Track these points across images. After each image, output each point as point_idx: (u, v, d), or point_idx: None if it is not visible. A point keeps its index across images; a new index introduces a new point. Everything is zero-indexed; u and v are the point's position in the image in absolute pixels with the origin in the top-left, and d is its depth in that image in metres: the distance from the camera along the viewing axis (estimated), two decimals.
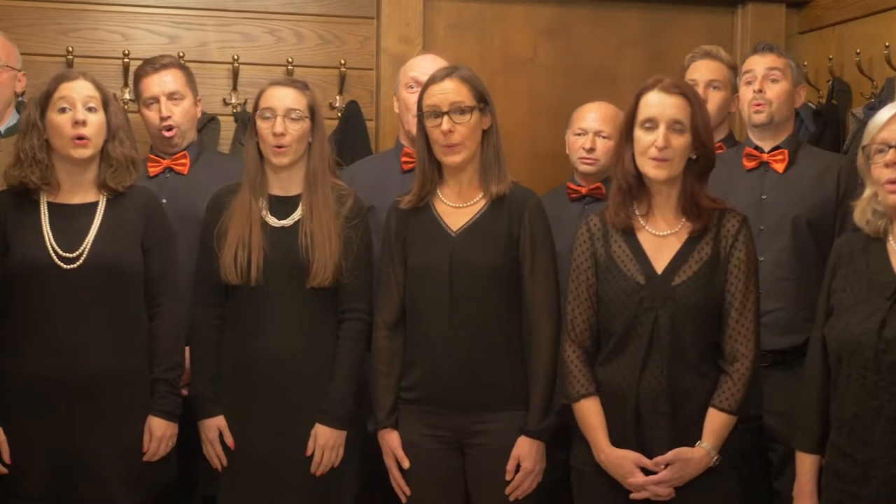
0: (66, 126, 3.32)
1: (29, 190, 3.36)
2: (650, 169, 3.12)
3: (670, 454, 3.08)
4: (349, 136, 4.63)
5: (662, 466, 3.08)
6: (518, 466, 3.37)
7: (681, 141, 3.10)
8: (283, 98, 3.50)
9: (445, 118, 3.35)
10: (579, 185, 4.13)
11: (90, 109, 3.35)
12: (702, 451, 3.09)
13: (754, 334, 3.12)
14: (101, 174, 3.40)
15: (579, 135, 4.12)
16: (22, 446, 3.29)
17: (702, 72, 4.29)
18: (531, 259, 3.39)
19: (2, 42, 3.96)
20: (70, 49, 4.52)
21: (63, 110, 3.33)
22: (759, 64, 3.98)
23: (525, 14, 5.01)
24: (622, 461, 3.12)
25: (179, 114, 3.96)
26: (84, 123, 3.32)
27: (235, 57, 4.66)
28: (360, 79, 4.82)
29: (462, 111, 3.37)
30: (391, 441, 3.45)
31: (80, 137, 3.32)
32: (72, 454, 3.28)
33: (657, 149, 3.08)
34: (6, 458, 3.28)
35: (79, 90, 3.36)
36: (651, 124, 3.11)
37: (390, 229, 3.49)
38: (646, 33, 5.11)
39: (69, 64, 4.47)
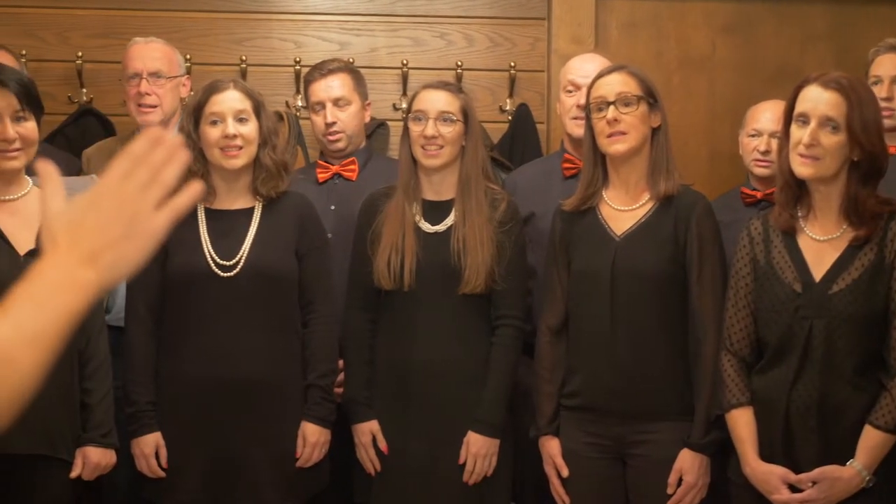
0: (218, 139, 3.36)
1: None
2: (797, 165, 2.95)
3: (817, 472, 2.92)
4: (519, 140, 4.57)
5: (809, 484, 2.92)
6: (680, 480, 3.25)
7: (832, 140, 2.92)
8: (436, 101, 3.47)
9: (611, 108, 3.27)
10: (754, 190, 3.94)
11: (241, 121, 3.38)
12: (852, 471, 2.90)
13: None
14: (253, 181, 3.43)
15: (753, 136, 3.94)
16: (179, 450, 3.35)
17: (887, 67, 4.04)
18: (698, 265, 3.26)
19: (162, 51, 4.04)
20: (243, 58, 4.60)
21: (214, 123, 3.38)
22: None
23: (703, 10, 4.85)
24: (768, 476, 2.97)
25: (345, 119, 3.97)
26: (234, 136, 3.36)
27: (405, 62, 4.66)
28: (530, 81, 4.76)
29: (628, 102, 3.28)
30: (551, 448, 3.38)
31: (231, 148, 3.35)
32: (227, 459, 3.33)
33: (804, 146, 2.92)
34: (163, 462, 3.35)
35: (229, 103, 3.39)
36: (804, 119, 2.95)
37: (555, 233, 3.43)
38: (832, 27, 4.87)
39: (242, 73, 4.56)
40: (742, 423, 3.05)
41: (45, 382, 3.16)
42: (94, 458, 3.19)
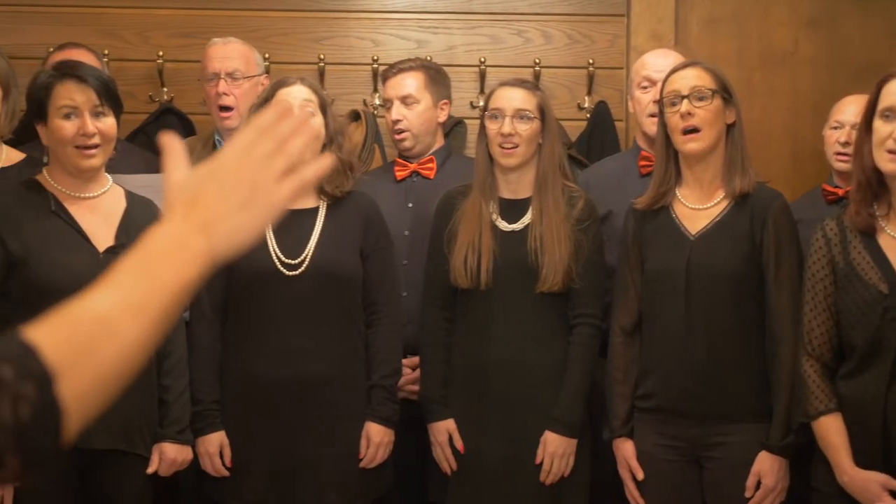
0: None
1: None
2: (885, 163, 2.88)
3: None
4: (597, 138, 4.52)
5: None
6: (759, 483, 3.19)
7: None
8: (512, 98, 3.44)
9: (685, 101, 3.23)
10: (836, 187, 3.87)
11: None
12: None
13: None
14: (318, 179, 3.41)
15: (835, 128, 3.86)
16: (243, 449, 3.35)
17: None
18: (775, 264, 3.20)
19: (239, 50, 4.06)
20: (322, 57, 4.61)
21: None
22: None
23: (787, 5, 4.76)
24: (868, 483, 2.90)
25: (410, 117, 3.95)
26: None
27: (482, 59, 4.64)
28: (609, 78, 4.71)
29: (702, 96, 3.23)
30: (626, 451, 3.34)
31: None
32: (291, 459, 3.32)
33: (894, 140, 2.84)
34: (227, 461, 3.35)
35: (296, 96, 3.39)
36: (890, 114, 2.87)
37: (628, 232, 3.39)
38: None
39: (321, 72, 4.57)
40: (833, 431, 2.97)
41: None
42: (170, 455, 3.21)
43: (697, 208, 3.30)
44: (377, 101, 4.57)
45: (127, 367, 1.01)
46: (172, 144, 1.17)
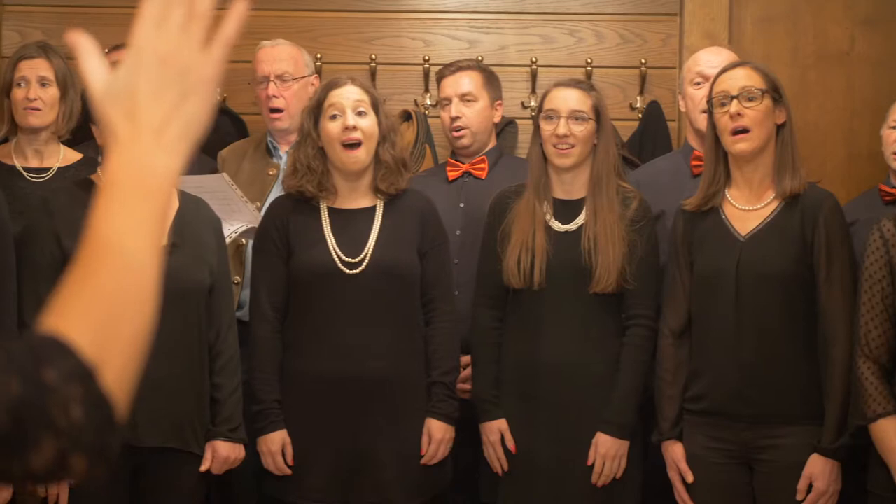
0: (337, 131, 3.36)
1: (308, 196, 3.43)
2: None
3: None
4: (649, 138, 4.49)
5: None
6: (810, 487, 3.16)
7: None
8: (567, 99, 3.43)
9: (734, 102, 3.21)
10: (894, 187, 3.81)
11: (360, 114, 3.38)
12: None
13: None
14: (374, 178, 3.43)
15: (894, 128, 3.80)
16: (305, 448, 3.36)
17: None
18: (826, 265, 3.17)
19: (288, 52, 4.06)
20: (373, 57, 4.62)
21: (334, 117, 3.38)
22: None
23: (842, 3, 4.71)
24: None
25: (469, 115, 3.96)
26: (354, 128, 3.36)
27: (534, 59, 4.63)
28: (661, 78, 4.68)
29: (752, 97, 3.21)
30: (675, 453, 3.32)
31: (351, 144, 3.36)
32: (353, 455, 3.33)
33: None
34: (289, 459, 3.36)
35: (347, 96, 3.40)
36: None
37: (677, 233, 3.37)
38: None
39: (372, 72, 4.58)
40: (892, 433, 2.95)
41: (176, 376, 3.20)
42: (223, 453, 3.23)
43: (747, 209, 3.28)
44: (428, 102, 4.57)
45: (146, 329, 0.98)
46: (82, 42, 1.07)
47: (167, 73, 1.04)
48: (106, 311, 0.94)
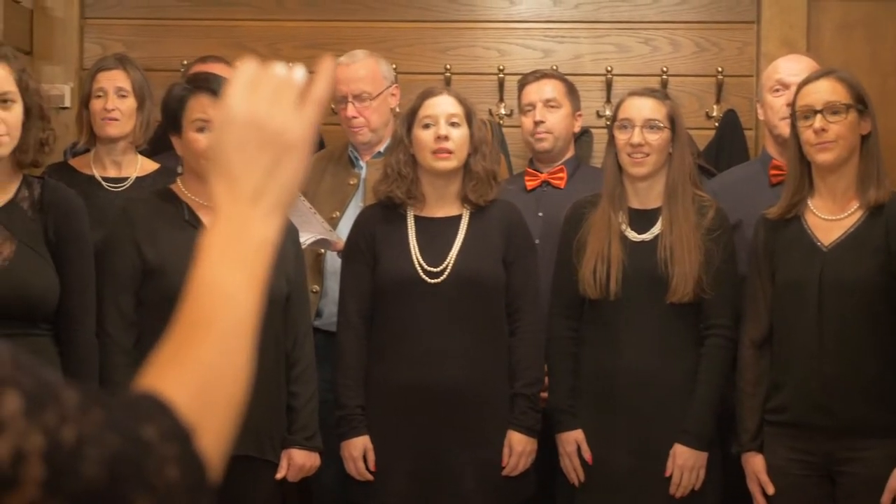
0: (429, 141, 3.39)
1: (396, 204, 3.46)
2: None
3: None
4: (726, 147, 4.46)
5: None
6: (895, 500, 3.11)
7: None
8: (642, 108, 3.42)
9: (818, 116, 3.18)
10: None
11: (453, 125, 3.40)
12: None
13: None
14: (463, 188, 3.45)
15: None
16: (387, 455, 3.38)
17: None
18: None
19: (365, 69, 4.03)
20: (448, 67, 4.64)
21: (427, 126, 3.40)
22: None
23: None
24: None
25: (553, 121, 3.96)
26: (446, 138, 3.38)
27: (609, 68, 4.62)
28: (738, 86, 4.64)
29: (836, 111, 3.18)
30: (755, 465, 3.28)
31: (443, 151, 3.38)
32: (434, 465, 3.34)
33: None
34: (371, 465, 3.38)
35: (442, 106, 3.42)
36: None
37: (758, 242, 3.34)
38: None
39: (447, 81, 4.60)
40: None
41: (253, 384, 3.24)
42: (298, 460, 3.25)
43: (830, 219, 3.24)
44: (502, 111, 4.58)
45: (243, 393, 0.98)
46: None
47: (261, 136, 1.03)
48: (208, 373, 0.94)
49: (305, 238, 3.54)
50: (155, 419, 0.88)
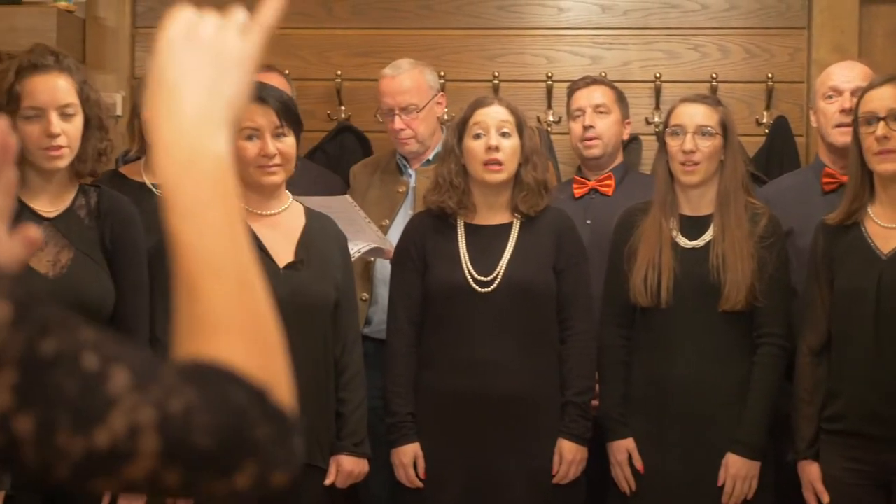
0: (480, 151, 3.39)
1: (447, 214, 3.46)
2: None
3: None
4: (776, 154, 4.42)
5: None
6: None
7: None
8: (694, 114, 3.41)
9: (881, 124, 3.16)
10: None
11: (504, 135, 3.40)
12: None
13: None
14: (513, 198, 3.44)
15: None
16: (437, 462, 3.39)
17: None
18: None
19: (410, 81, 4.03)
20: (496, 74, 4.64)
21: (477, 136, 3.40)
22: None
23: None
24: None
25: (602, 126, 3.96)
26: (497, 148, 3.37)
27: (658, 75, 4.59)
28: (788, 93, 4.60)
29: None
30: (811, 473, 3.26)
31: (493, 162, 3.37)
32: (483, 473, 3.34)
33: None
34: (421, 472, 3.39)
35: (493, 116, 3.42)
36: None
37: (817, 249, 3.31)
38: None
39: (495, 89, 4.59)
40: None
41: (303, 390, 3.27)
42: (347, 467, 3.25)
43: (890, 227, 3.22)
44: (551, 118, 4.57)
45: (278, 327, 0.98)
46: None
47: (201, 57, 1.03)
48: (239, 325, 0.94)
49: (359, 247, 3.55)
50: (234, 384, 0.90)
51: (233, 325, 0.94)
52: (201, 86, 1.02)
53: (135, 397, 0.84)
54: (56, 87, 2.97)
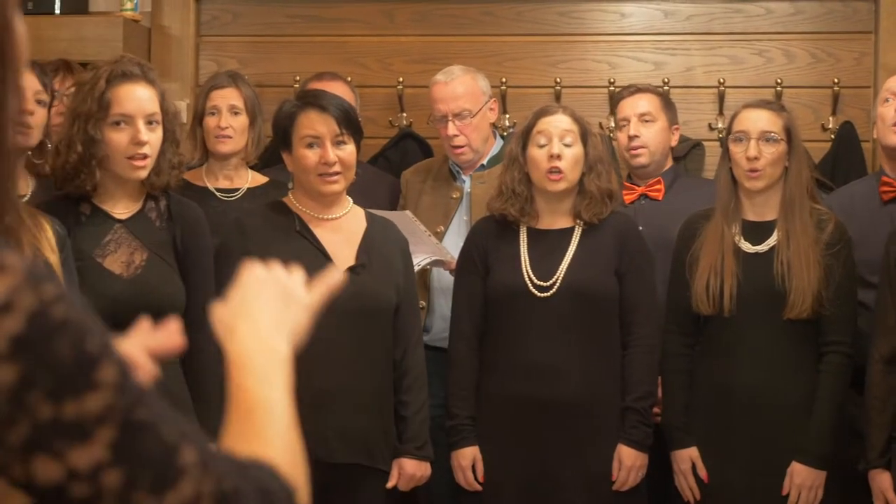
0: (543, 160, 3.38)
1: (509, 220, 3.46)
2: None
3: None
4: (843, 160, 4.36)
5: None
6: None
7: None
8: (758, 120, 3.37)
9: None
10: None
11: (567, 144, 3.39)
12: None
13: None
14: (576, 205, 3.43)
15: None
16: (496, 466, 3.39)
17: None
18: None
19: (463, 87, 4.00)
20: (558, 80, 4.62)
21: (542, 145, 3.40)
22: None
23: None
24: None
25: (647, 135, 3.92)
26: (559, 157, 3.37)
27: (721, 80, 4.56)
28: (855, 98, 4.54)
29: None
30: (882, 482, 3.22)
31: (554, 171, 3.37)
32: (543, 477, 3.33)
33: None
34: (480, 475, 3.39)
35: (556, 124, 3.42)
36: None
37: (889, 257, 3.27)
38: None
39: (557, 95, 4.58)
40: None
41: (365, 393, 3.27)
42: (409, 470, 3.26)
43: None
44: (612, 124, 4.54)
45: (305, 475, 1.13)
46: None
47: (276, 290, 1.26)
48: (282, 451, 1.10)
49: (420, 259, 3.57)
50: (272, 478, 1.04)
51: (276, 448, 1.10)
52: (274, 310, 1.25)
53: (200, 471, 0.97)
54: (143, 97, 3.03)
